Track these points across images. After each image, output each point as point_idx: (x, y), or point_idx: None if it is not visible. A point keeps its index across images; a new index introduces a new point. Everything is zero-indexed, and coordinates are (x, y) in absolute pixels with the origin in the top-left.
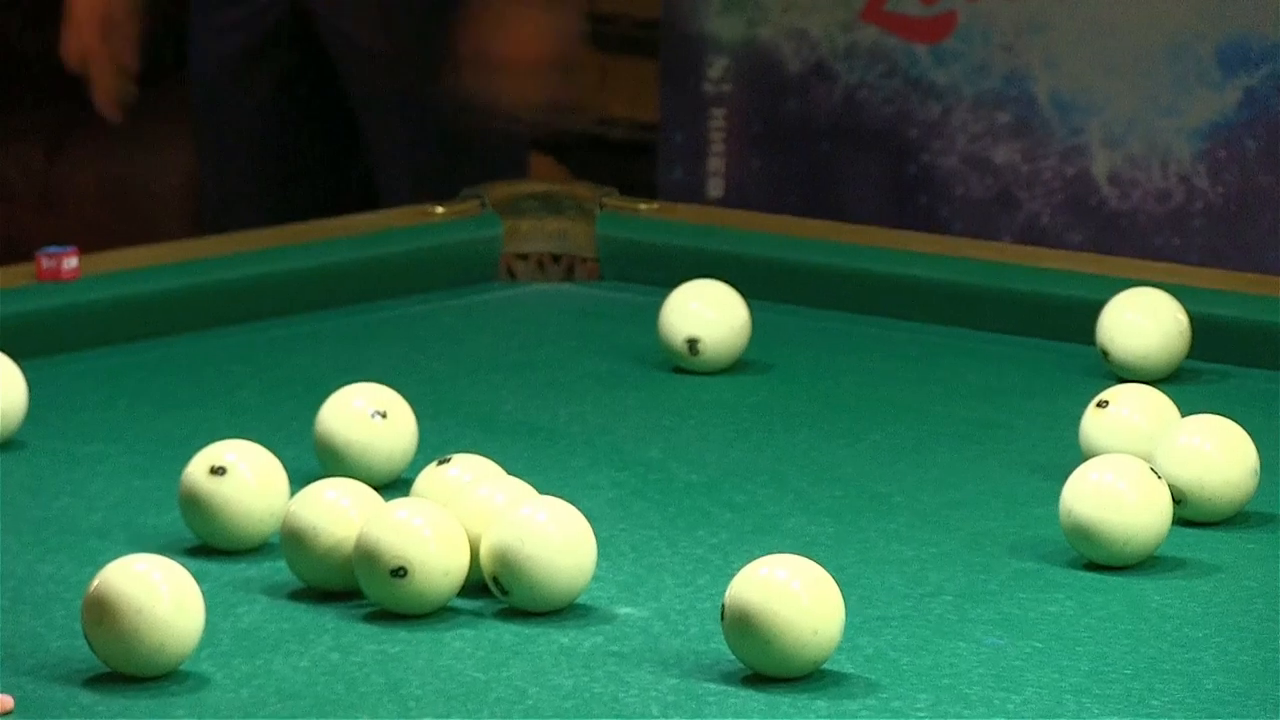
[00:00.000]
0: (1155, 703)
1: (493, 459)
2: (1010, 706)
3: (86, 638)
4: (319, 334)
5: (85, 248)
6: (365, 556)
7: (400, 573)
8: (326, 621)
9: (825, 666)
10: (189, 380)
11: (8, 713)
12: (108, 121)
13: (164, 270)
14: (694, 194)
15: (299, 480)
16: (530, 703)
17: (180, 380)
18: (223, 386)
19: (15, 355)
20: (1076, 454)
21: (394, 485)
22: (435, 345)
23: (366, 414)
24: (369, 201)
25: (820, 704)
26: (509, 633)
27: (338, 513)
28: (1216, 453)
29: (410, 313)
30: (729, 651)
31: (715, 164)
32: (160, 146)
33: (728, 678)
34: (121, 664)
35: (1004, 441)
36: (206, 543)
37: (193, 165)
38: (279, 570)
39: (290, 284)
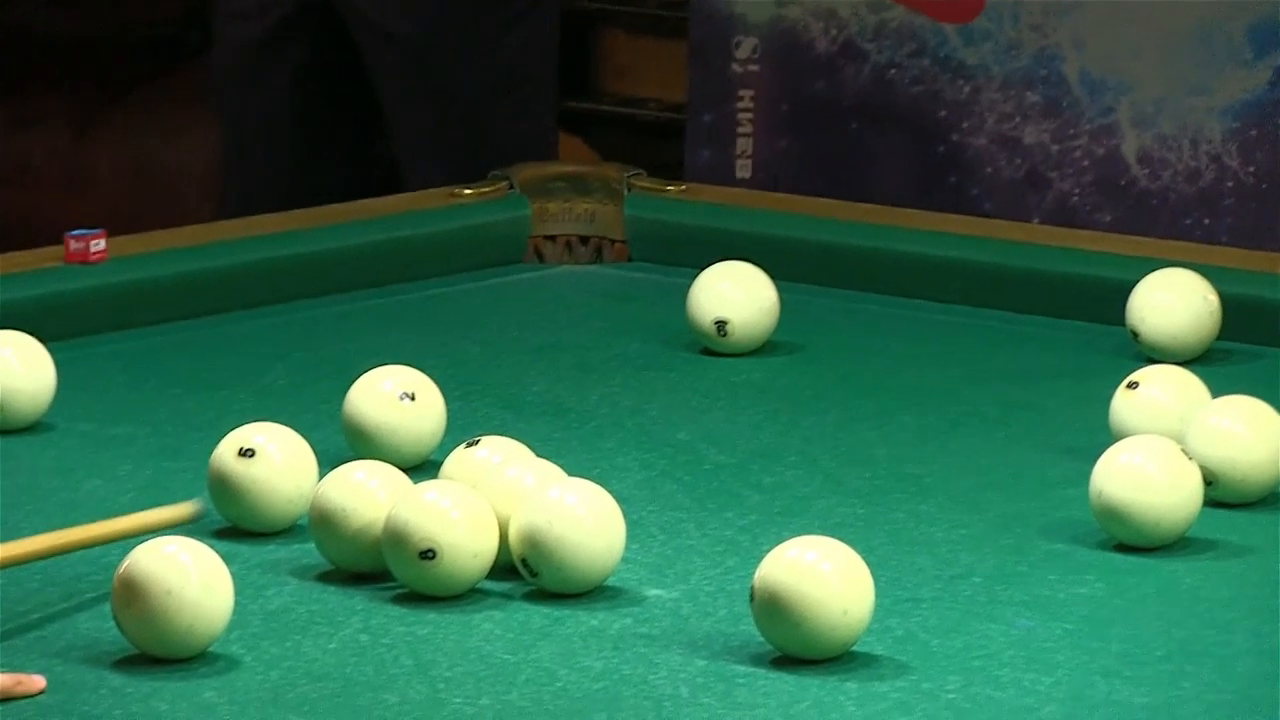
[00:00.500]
0: (1186, 685)
1: (521, 441)
2: (1041, 688)
3: (116, 619)
4: (347, 316)
5: (112, 230)
6: (394, 538)
7: (429, 555)
8: (355, 603)
9: (855, 648)
10: (217, 362)
11: (39, 693)
12: (133, 104)
13: (191, 253)
14: (722, 175)
15: (328, 462)
16: (559, 684)
17: (208, 362)
18: (251, 369)
19: (43, 338)
20: (1107, 435)
21: (423, 467)
22: (463, 327)
23: (395, 396)
24: (392, 185)
25: (850, 686)
26: (538, 614)
27: (366, 495)
28: (1247, 433)
29: (438, 295)
30: (758, 633)
31: (743, 145)
32: (187, 129)
33: (757, 659)
34: (151, 645)
35: (1034, 423)
36: (235, 525)
37: (218, 148)
38: (308, 552)
39: (318, 266)
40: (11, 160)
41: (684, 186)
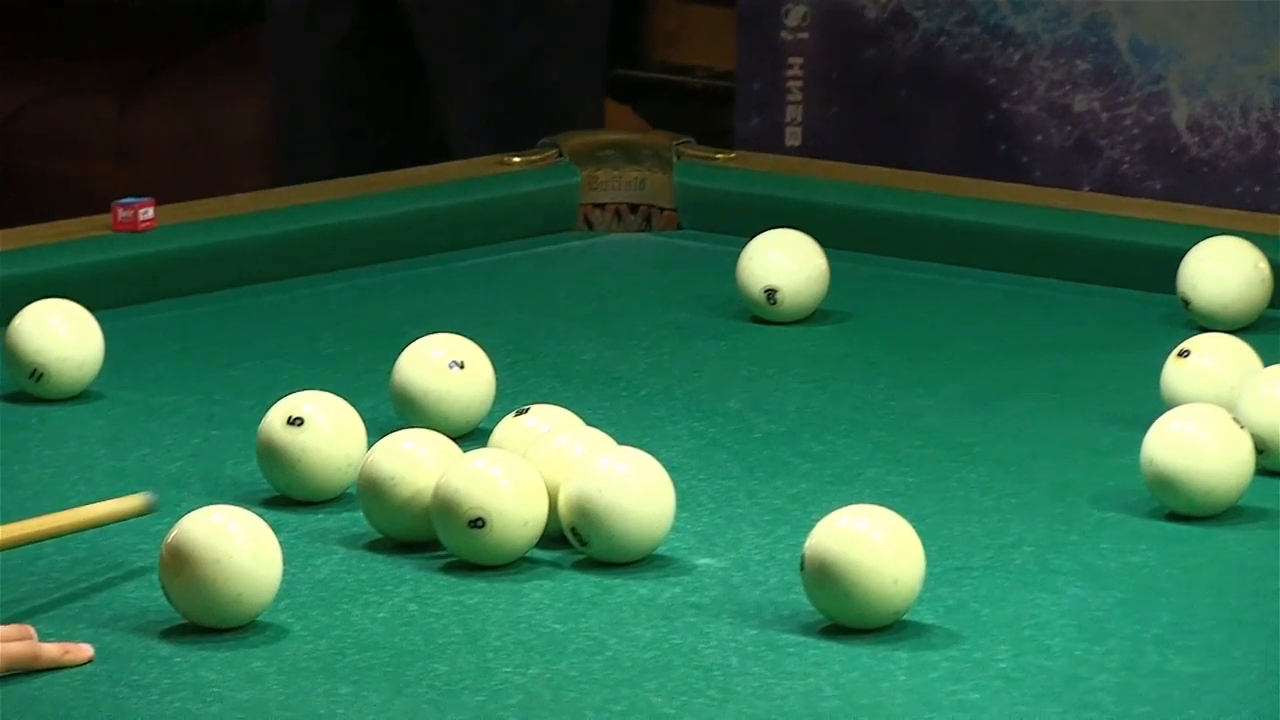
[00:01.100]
0: (1238, 654)
1: (571, 409)
2: (1092, 658)
3: (164, 588)
4: (396, 284)
5: (160, 198)
6: (443, 507)
7: (478, 523)
8: (404, 572)
9: (905, 617)
10: (266, 331)
11: (86, 662)
12: (182, 71)
13: (240, 220)
14: (771, 143)
15: (376, 431)
16: (609, 654)
17: (257, 331)
18: (300, 337)
19: (91, 306)
20: (1158, 404)
21: (472, 435)
22: (513, 295)
23: (444, 364)
24: (440, 153)
25: (900, 655)
26: (587, 584)
27: (415, 463)
28: None
29: (487, 263)
30: (808, 602)
31: (793, 112)
32: (235, 96)
33: (807, 629)
34: (199, 615)
35: (1085, 391)
36: (284, 493)
37: (268, 116)
38: (356, 521)
39: (367, 234)
40: (59, 128)
41: (733, 154)
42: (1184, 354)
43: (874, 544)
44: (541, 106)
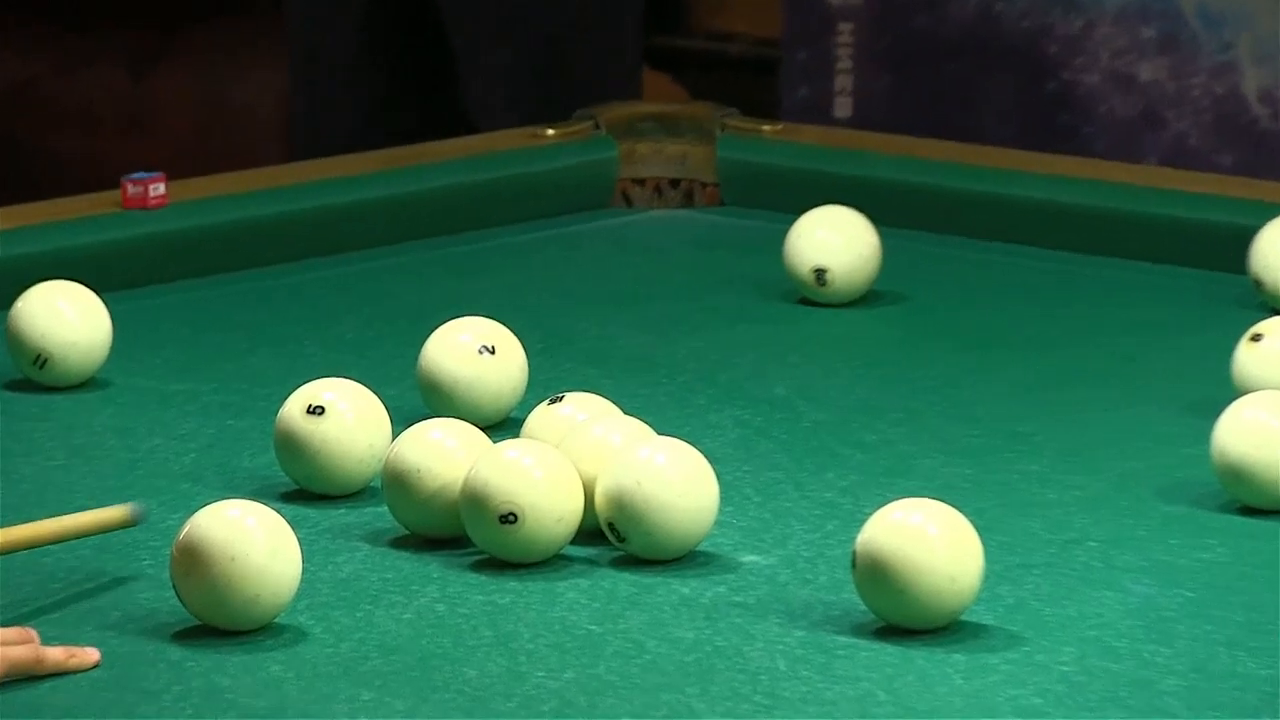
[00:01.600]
0: None
1: (608, 397)
2: (1160, 660)
3: (176, 588)
4: (422, 265)
5: (173, 174)
6: (473, 501)
7: (510, 518)
8: (432, 571)
9: (963, 617)
10: (284, 314)
11: (93, 666)
12: (197, 40)
13: (257, 197)
14: (820, 114)
15: (402, 420)
16: (649, 657)
17: (275, 314)
18: (320, 320)
19: (99, 288)
20: (1229, 390)
21: (503, 425)
22: (546, 276)
23: (474, 349)
24: (465, 126)
25: (958, 658)
26: (626, 582)
27: (443, 454)
28: None
29: (520, 241)
30: (860, 602)
31: (842, 82)
32: (253, 66)
33: (859, 629)
34: (213, 616)
35: (1152, 377)
36: (304, 487)
37: (285, 87)
38: (381, 516)
39: (392, 211)
40: (69, 100)
41: (779, 126)
42: (1256, 338)
43: (929, 540)
44: (573, 79)
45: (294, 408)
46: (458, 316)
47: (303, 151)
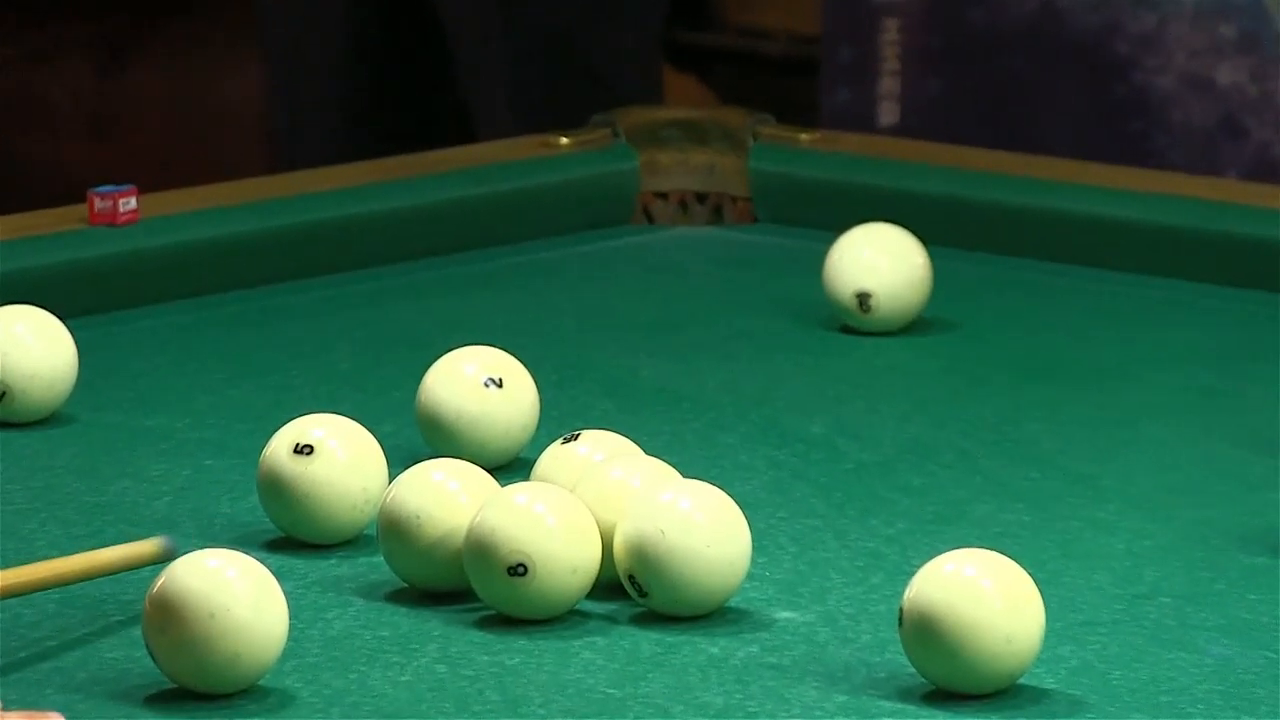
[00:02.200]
0: None
1: (628, 435)
2: None
3: (148, 646)
4: (421, 287)
5: (143, 181)
6: (478, 551)
7: (519, 570)
8: (432, 628)
9: (1021, 681)
10: (269, 341)
11: None
12: (169, 35)
13: (238, 211)
14: (863, 121)
15: (399, 461)
16: None
17: (258, 342)
18: (309, 349)
19: (63, 313)
20: None
21: (511, 466)
22: (559, 300)
23: (479, 381)
24: (463, 130)
25: None
26: (648, 641)
27: (446, 499)
28: None
29: (530, 261)
30: (907, 663)
31: (888, 85)
32: (232, 63)
33: (906, 694)
34: (190, 677)
35: (1231, 413)
36: (290, 534)
37: (265, 85)
38: (376, 567)
39: (388, 227)
40: (28, 101)
41: (818, 134)
42: None
43: (984, 595)
44: (585, 79)
45: (280, 447)
46: (462, 345)
47: (286, 156)
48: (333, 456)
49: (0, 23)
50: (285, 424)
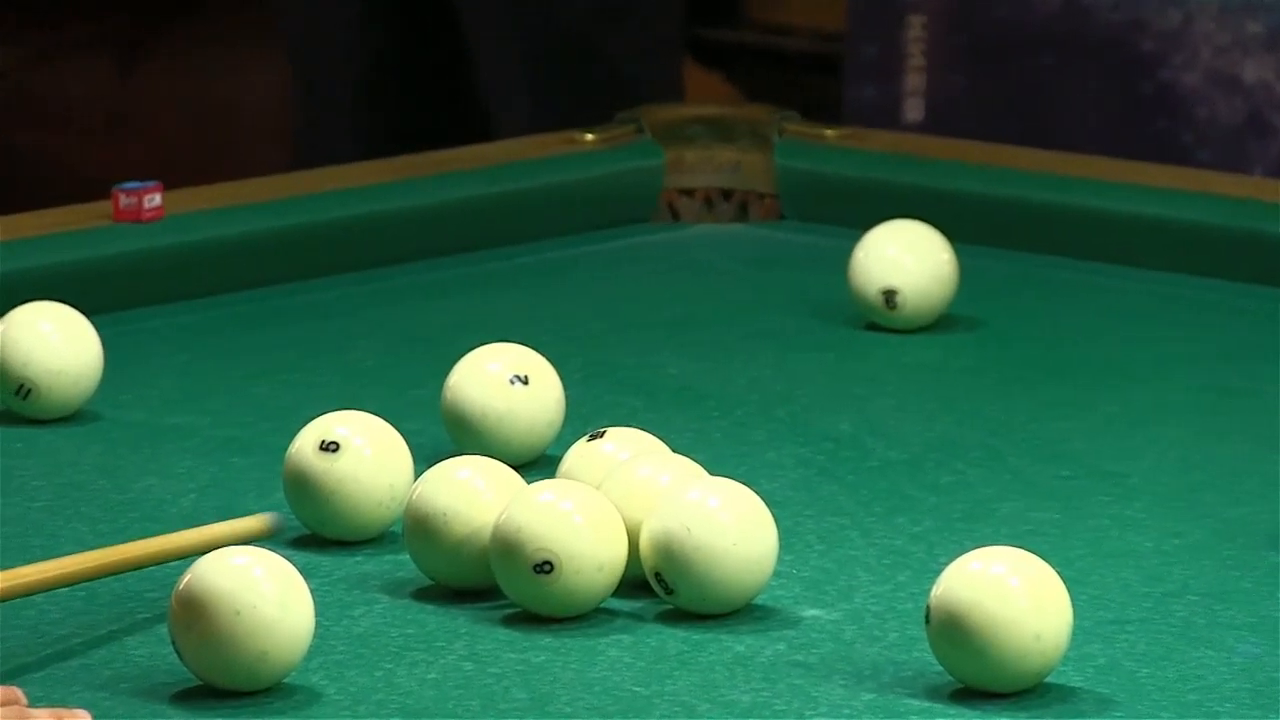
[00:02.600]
0: None
1: (654, 432)
2: None
3: (175, 644)
4: (447, 284)
5: (166, 179)
6: (504, 548)
7: (546, 568)
8: (459, 626)
9: (1049, 679)
10: (294, 339)
11: None
12: (191, 31)
13: (262, 209)
14: (889, 118)
15: (425, 458)
16: None
17: (283, 339)
18: (334, 346)
19: (87, 310)
20: None
21: (537, 463)
22: (584, 297)
23: (505, 379)
24: (481, 129)
25: None
26: (674, 639)
27: (472, 496)
28: None
29: (555, 258)
30: (934, 661)
31: (914, 81)
32: (254, 59)
33: (933, 692)
34: (215, 675)
35: (1260, 411)
36: (316, 532)
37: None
38: (402, 565)
39: (412, 225)
40: (47, 98)
41: (844, 131)
42: None
43: (1012, 593)
44: (604, 76)
45: (305, 444)
46: (486, 342)
47: (307, 156)
48: (359, 453)
49: (19, 20)
50: (310, 421)
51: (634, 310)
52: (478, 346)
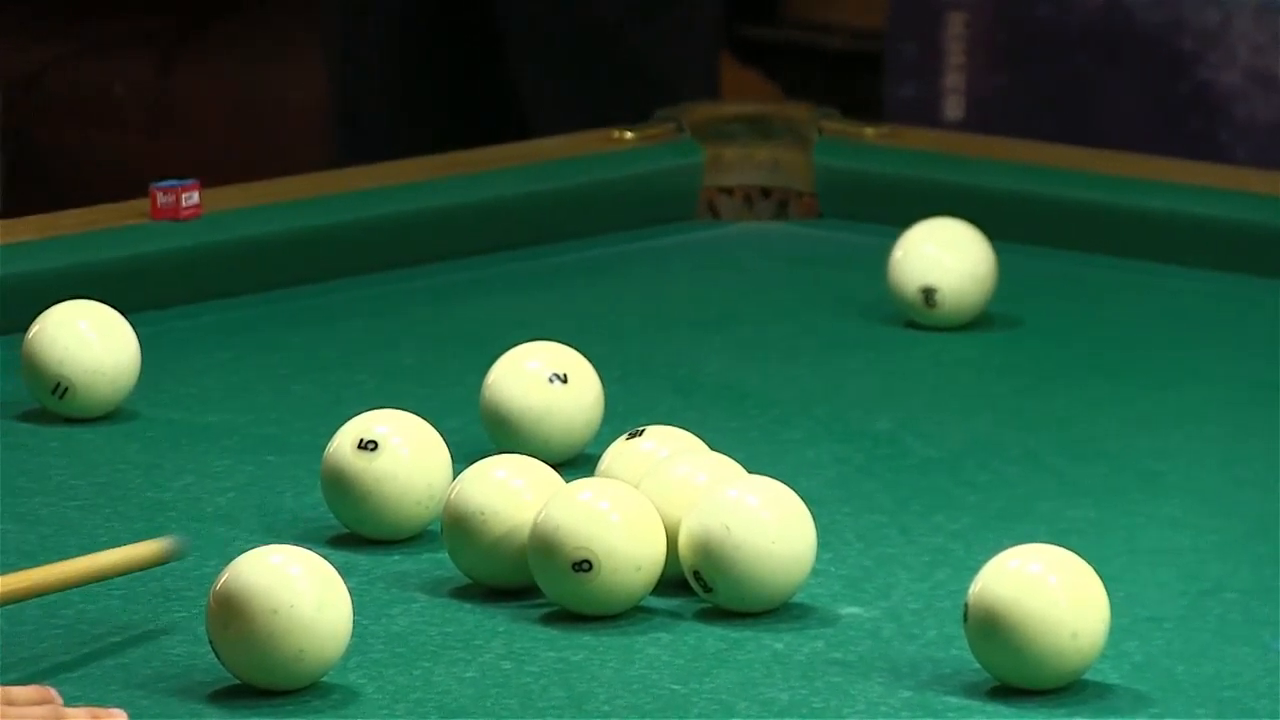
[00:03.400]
0: None
1: (693, 430)
2: None
3: (212, 642)
4: (485, 283)
5: (205, 176)
6: (543, 547)
7: (584, 566)
8: (497, 624)
9: (1086, 676)
10: (332, 337)
11: None
12: (231, 28)
13: (300, 206)
14: (929, 116)
15: (464, 457)
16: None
17: (322, 337)
18: (372, 344)
19: (126, 308)
20: None
21: (576, 462)
22: (623, 295)
23: (544, 377)
24: (519, 131)
25: None
26: (712, 637)
27: (510, 495)
28: None
29: (594, 257)
30: (972, 658)
31: (954, 80)
32: (294, 55)
33: (971, 690)
34: (253, 674)
35: None
36: (354, 530)
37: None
38: (440, 563)
39: (451, 223)
40: (88, 94)
41: (884, 129)
42: None
43: (1049, 590)
44: (641, 73)
45: (344, 443)
46: (525, 340)
47: (346, 153)
48: (397, 453)
49: (61, 16)
50: (349, 420)
51: (673, 308)
52: (516, 345)
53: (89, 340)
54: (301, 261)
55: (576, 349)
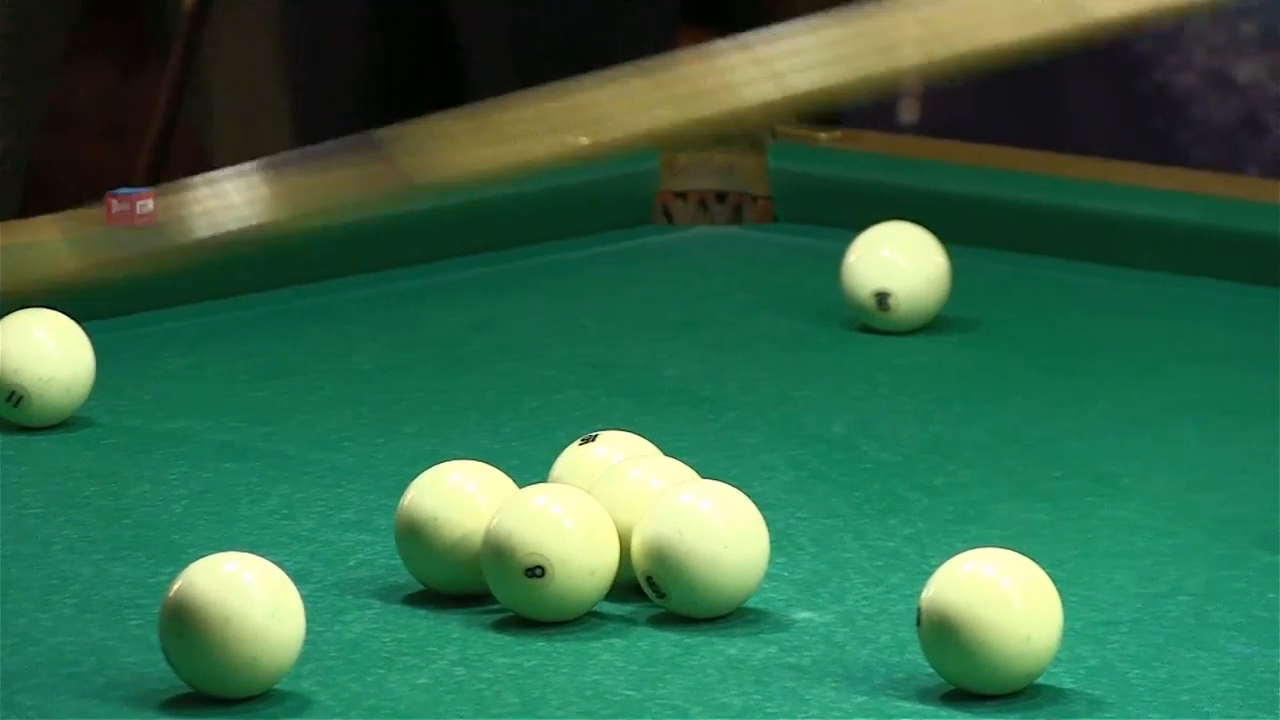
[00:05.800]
0: None
1: (646, 435)
2: None
3: (165, 651)
4: (443, 287)
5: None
6: (496, 553)
7: (537, 572)
8: (450, 631)
9: (1040, 681)
10: (291, 344)
11: None
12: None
13: None
14: (884, 119)
15: (421, 461)
16: None
17: (280, 344)
18: (332, 350)
19: (80, 316)
20: None
21: (529, 468)
22: (578, 300)
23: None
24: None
25: None
26: (666, 643)
27: (463, 501)
28: None
29: (549, 262)
30: (926, 663)
31: (908, 83)
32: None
33: (924, 694)
34: (207, 682)
35: (1257, 412)
36: (306, 539)
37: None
38: (393, 570)
39: (410, 230)
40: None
41: (838, 133)
42: None
43: (1003, 594)
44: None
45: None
46: (484, 345)
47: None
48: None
49: None
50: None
51: (629, 313)
52: (476, 350)
53: (44, 348)
54: (260, 268)
55: (535, 354)
